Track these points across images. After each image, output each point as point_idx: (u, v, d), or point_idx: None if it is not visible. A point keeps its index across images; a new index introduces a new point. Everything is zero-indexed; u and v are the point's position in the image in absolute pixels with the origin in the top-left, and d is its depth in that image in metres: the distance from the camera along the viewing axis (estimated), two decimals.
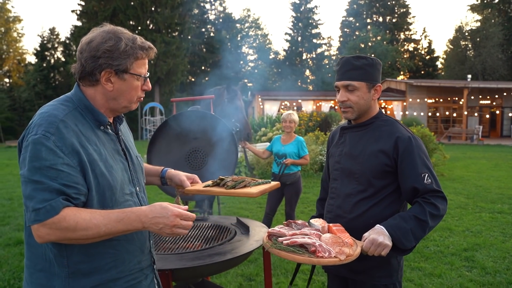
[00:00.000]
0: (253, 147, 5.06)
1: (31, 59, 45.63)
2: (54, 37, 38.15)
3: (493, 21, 36.41)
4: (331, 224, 1.82)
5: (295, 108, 26.27)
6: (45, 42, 37.41)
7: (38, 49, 36.80)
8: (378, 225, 1.75)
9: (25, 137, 1.34)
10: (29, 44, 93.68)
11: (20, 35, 40.16)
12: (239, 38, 41.36)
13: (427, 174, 1.81)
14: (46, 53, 37.40)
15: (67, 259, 1.36)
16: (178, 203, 2.28)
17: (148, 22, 31.87)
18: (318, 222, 1.84)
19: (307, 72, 42.87)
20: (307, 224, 1.89)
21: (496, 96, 27.34)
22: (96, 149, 1.40)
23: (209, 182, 1.97)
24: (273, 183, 1.96)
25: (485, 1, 38.80)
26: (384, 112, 2.02)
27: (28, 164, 1.28)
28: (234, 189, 1.85)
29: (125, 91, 1.45)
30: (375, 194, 1.90)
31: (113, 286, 1.43)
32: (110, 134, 1.52)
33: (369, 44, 39.06)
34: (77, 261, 1.37)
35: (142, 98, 1.54)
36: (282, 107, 26.35)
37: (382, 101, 26.03)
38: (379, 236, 1.68)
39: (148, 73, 1.53)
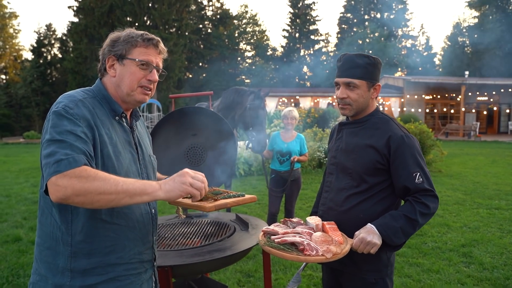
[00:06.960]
0: (268, 154, 4.91)
1: (28, 55, 45.35)
2: (51, 33, 37.86)
3: (490, 17, 36.44)
4: (325, 222, 1.87)
5: (293, 104, 26.29)
6: (41, 38, 37.10)
7: (35, 45, 36.49)
8: (369, 224, 1.80)
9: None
10: (25, 41, 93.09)
11: (16, 31, 40.02)
12: (236, 34, 41.18)
13: (418, 173, 1.83)
14: (43, 49, 37.11)
15: (72, 238, 1.40)
16: (178, 213, 2.29)
17: (145, 18, 31.74)
18: (313, 220, 1.91)
19: (305, 69, 42.79)
20: (302, 222, 1.96)
21: (494, 92, 27.40)
22: (108, 133, 1.46)
23: None
24: (248, 196, 1.85)
25: None
26: (380, 110, 2.04)
27: (50, 129, 1.34)
28: (191, 202, 1.60)
29: (125, 75, 1.53)
30: (368, 190, 1.92)
31: (111, 270, 1.45)
32: (125, 126, 1.58)
33: (367, 40, 39.01)
34: (80, 240, 1.41)
35: (148, 90, 1.56)
36: (280, 103, 26.36)
37: (380, 97, 26.02)
38: (368, 235, 1.74)
39: (155, 66, 1.56)
